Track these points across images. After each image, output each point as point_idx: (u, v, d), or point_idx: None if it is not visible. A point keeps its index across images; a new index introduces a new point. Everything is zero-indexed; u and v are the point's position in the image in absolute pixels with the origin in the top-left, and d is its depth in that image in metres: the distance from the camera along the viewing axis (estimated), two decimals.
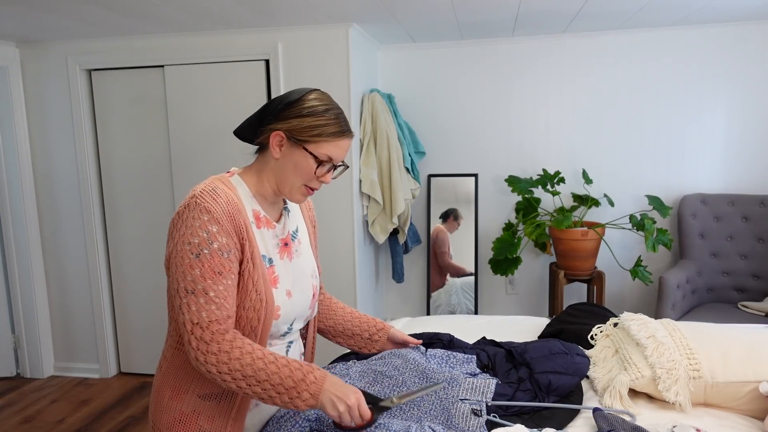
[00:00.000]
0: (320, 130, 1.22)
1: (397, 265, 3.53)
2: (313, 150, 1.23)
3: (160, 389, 1.27)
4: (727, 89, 3.23)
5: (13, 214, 3.34)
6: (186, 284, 1.14)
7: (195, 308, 1.13)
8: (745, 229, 3.13)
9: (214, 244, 1.15)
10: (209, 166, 3.17)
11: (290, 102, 1.24)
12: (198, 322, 1.13)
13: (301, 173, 1.25)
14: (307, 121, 1.22)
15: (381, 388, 1.41)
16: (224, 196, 1.21)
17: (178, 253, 1.16)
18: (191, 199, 1.19)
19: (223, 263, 1.16)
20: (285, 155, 1.24)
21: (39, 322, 3.43)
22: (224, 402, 1.26)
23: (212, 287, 1.14)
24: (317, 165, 1.24)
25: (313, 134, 1.22)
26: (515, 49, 3.44)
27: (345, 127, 1.27)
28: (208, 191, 1.20)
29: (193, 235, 1.15)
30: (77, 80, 3.22)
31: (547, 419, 1.42)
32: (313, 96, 1.25)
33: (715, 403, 1.54)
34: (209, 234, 1.15)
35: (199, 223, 1.16)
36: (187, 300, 1.14)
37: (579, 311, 2.15)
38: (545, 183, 3.19)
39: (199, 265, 1.14)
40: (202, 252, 1.14)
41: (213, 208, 1.17)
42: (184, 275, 1.15)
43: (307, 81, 2.99)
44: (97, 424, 2.90)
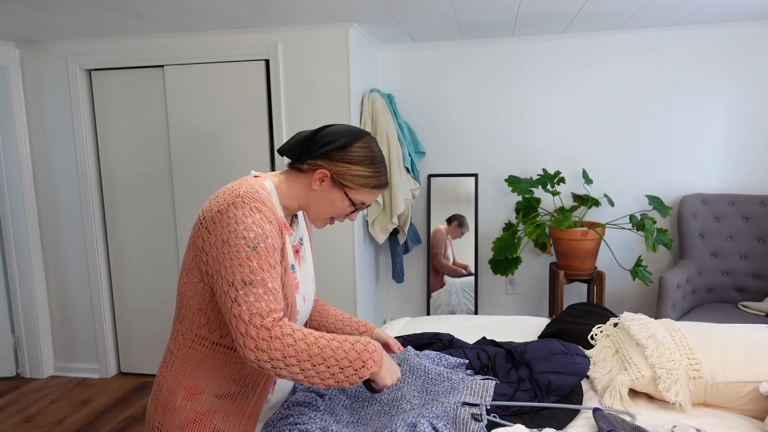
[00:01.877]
0: (365, 181, 1.27)
1: (397, 265, 3.53)
2: (352, 195, 1.28)
3: (172, 391, 1.25)
4: (727, 89, 3.24)
5: (13, 214, 3.34)
6: (243, 276, 1.13)
7: (254, 299, 1.13)
8: (745, 229, 3.13)
9: (268, 239, 1.17)
10: (209, 166, 3.17)
11: (342, 146, 1.26)
12: (258, 311, 1.12)
13: (333, 210, 1.30)
14: (355, 170, 1.26)
15: (380, 407, 1.41)
16: (267, 200, 1.23)
17: (231, 248, 1.15)
18: (236, 198, 1.18)
19: (276, 258, 1.19)
20: (323, 190, 1.28)
21: (39, 322, 3.43)
22: (240, 401, 1.27)
23: (270, 279, 1.15)
24: (352, 209, 1.31)
25: (357, 183, 1.27)
26: (515, 49, 3.44)
27: (385, 180, 1.32)
28: (252, 193, 1.20)
29: (247, 230, 1.15)
30: (77, 80, 3.22)
31: (547, 419, 1.42)
32: (364, 144, 1.28)
33: (715, 403, 1.54)
34: (263, 230, 1.17)
35: (252, 219, 1.16)
36: (245, 291, 1.13)
37: (579, 311, 2.15)
38: (545, 183, 3.19)
39: (257, 257, 1.15)
40: (259, 245, 1.15)
41: (262, 208, 1.19)
42: (241, 267, 1.14)
43: (307, 81, 2.99)
44: (97, 424, 2.90)
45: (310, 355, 1.13)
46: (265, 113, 3.07)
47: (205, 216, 1.20)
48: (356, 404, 1.43)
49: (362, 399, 1.44)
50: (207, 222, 1.19)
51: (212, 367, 1.25)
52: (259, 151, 3.10)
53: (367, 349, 1.17)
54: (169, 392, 1.26)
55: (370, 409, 1.41)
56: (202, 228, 1.20)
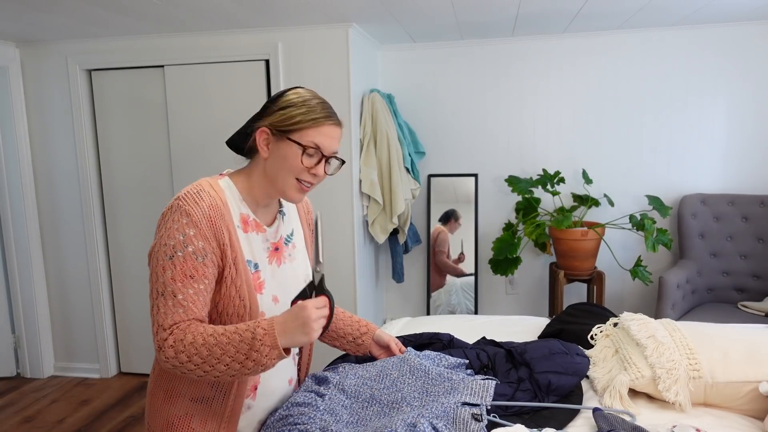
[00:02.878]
0: (301, 116, 1.21)
1: (397, 265, 3.53)
2: (298, 138, 1.21)
3: (154, 393, 1.28)
4: (727, 89, 3.23)
5: (13, 214, 3.34)
6: (158, 286, 1.14)
7: (163, 310, 1.13)
8: (745, 229, 3.13)
9: (189, 247, 1.15)
10: (209, 165, 3.17)
11: (273, 99, 1.26)
12: (162, 324, 1.13)
13: (290, 166, 1.22)
14: (290, 111, 1.22)
15: (380, 408, 1.41)
16: (208, 199, 1.20)
17: (155, 255, 1.16)
18: (174, 200, 1.19)
19: (197, 267, 1.15)
20: (273, 152, 1.24)
21: (39, 322, 3.43)
22: (216, 404, 1.27)
23: (181, 290, 1.14)
24: (302, 152, 1.22)
25: (294, 122, 1.21)
26: (515, 49, 3.44)
27: (328, 113, 1.25)
28: (192, 194, 1.19)
29: (169, 237, 1.15)
30: (77, 80, 3.22)
31: (547, 419, 1.42)
32: (297, 90, 1.28)
33: (715, 403, 1.54)
34: (185, 237, 1.15)
35: (177, 225, 1.16)
36: (157, 302, 1.14)
37: (579, 311, 2.15)
38: (545, 183, 3.19)
39: (171, 267, 1.14)
40: (176, 255, 1.14)
41: (193, 211, 1.17)
42: (157, 277, 1.15)
43: (307, 81, 2.99)
44: (97, 424, 2.90)
45: (202, 357, 1.10)
46: None
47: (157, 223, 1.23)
48: (356, 404, 1.43)
49: (362, 399, 1.44)
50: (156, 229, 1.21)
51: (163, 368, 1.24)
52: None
53: (255, 336, 1.09)
54: (152, 394, 1.29)
55: (370, 409, 1.41)
56: None
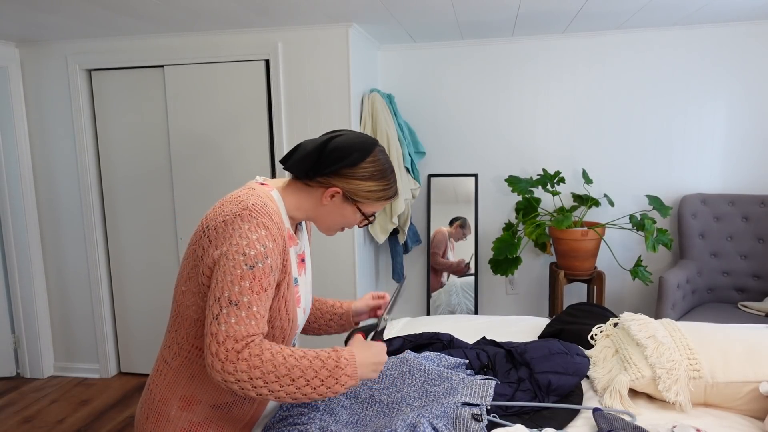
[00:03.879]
0: (378, 195, 1.26)
1: (397, 265, 3.53)
2: (364, 209, 1.28)
3: (166, 401, 1.23)
4: (727, 89, 3.23)
5: (13, 214, 3.34)
6: (231, 294, 1.10)
7: (234, 320, 1.09)
8: (745, 229, 3.13)
9: (268, 259, 1.13)
10: (209, 166, 3.17)
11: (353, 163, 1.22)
12: (234, 335, 1.09)
13: (345, 222, 1.30)
14: (368, 186, 1.24)
15: (379, 408, 1.41)
16: (275, 214, 1.19)
17: (228, 262, 1.11)
18: (244, 210, 1.14)
19: (270, 281, 1.14)
20: (334, 204, 1.26)
21: (39, 322, 3.43)
22: (237, 409, 1.26)
23: (257, 302, 1.11)
24: (364, 221, 1.31)
25: (370, 198, 1.26)
26: (515, 49, 3.44)
27: (396, 189, 1.31)
28: (261, 206, 1.16)
29: (249, 247, 1.12)
30: (77, 80, 3.22)
31: (547, 419, 1.42)
32: (375, 158, 1.24)
33: (715, 403, 1.54)
34: (266, 249, 1.13)
35: (256, 236, 1.12)
36: (228, 311, 1.09)
37: (579, 311, 2.15)
38: (545, 183, 3.19)
39: (251, 277, 1.11)
40: (257, 265, 1.11)
41: (269, 224, 1.15)
42: (231, 285, 1.10)
43: (307, 81, 2.99)
44: (97, 424, 2.90)
45: (278, 376, 1.09)
46: (265, 113, 3.07)
47: (208, 224, 1.16)
48: (356, 405, 1.43)
49: (362, 399, 1.44)
50: (210, 231, 1.15)
51: (209, 378, 1.22)
52: (259, 152, 3.11)
53: (338, 365, 1.12)
54: (163, 402, 1.23)
55: (369, 409, 1.41)
56: (203, 237, 1.16)
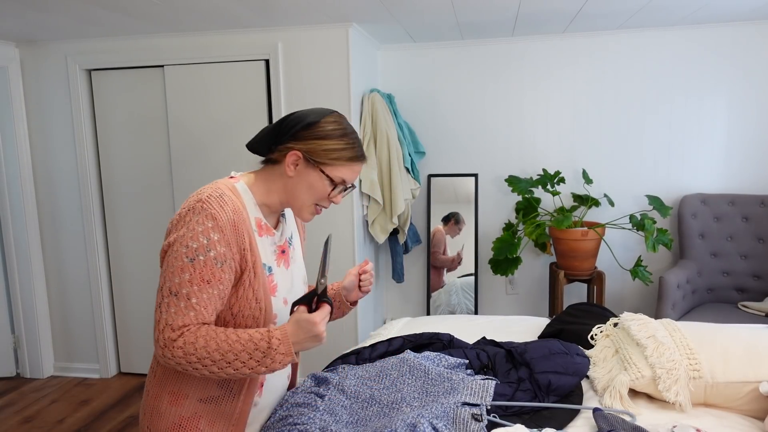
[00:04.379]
0: (338, 153, 1.23)
1: (397, 265, 3.53)
2: (329, 172, 1.24)
3: (157, 395, 1.26)
4: (727, 89, 3.23)
5: (13, 214, 3.34)
6: (172, 285, 1.14)
7: (174, 310, 1.14)
8: (745, 229, 3.13)
9: (211, 252, 1.15)
10: (209, 166, 3.17)
11: (310, 123, 1.23)
12: (171, 324, 1.13)
13: (314, 193, 1.26)
14: (326, 144, 1.23)
15: (379, 408, 1.41)
16: (231, 204, 1.20)
17: (173, 253, 1.16)
18: (197, 203, 1.18)
19: (214, 272, 1.16)
20: (299, 174, 1.25)
21: (39, 322, 3.43)
22: (225, 404, 1.26)
23: (196, 294, 1.14)
24: (332, 187, 1.26)
25: (331, 157, 1.23)
26: (515, 49, 3.44)
27: (361, 152, 1.28)
28: (216, 197, 1.19)
29: (192, 239, 1.15)
30: (77, 80, 3.22)
31: (547, 419, 1.42)
32: (332, 119, 1.25)
33: (715, 403, 1.54)
34: (209, 241, 1.15)
35: (201, 228, 1.15)
36: (168, 300, 1.14)
37: (579, 311, 2.15)
38: (545, 183, 3.19)
39: (191, 269, 1.14)
40: (197, 258, 1.14)
41: (219, 215, 1.16)
42: (172, 276, 1.15)
43: (307, 81, 2.99)
44: (97, 424, 2.90)
45: (213, 360, 1.13)
46: (265, 113, 3.07)
47: (171, 221, 1.21)
48: (356, 405, 1.43)
49: (362, 399, 1.44)
50: (170, 226, 1.20)
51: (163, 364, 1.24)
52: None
53: (271, 346, 1.14)
54: (155, 397, 1.26)
55: (369, 409, 1.41)
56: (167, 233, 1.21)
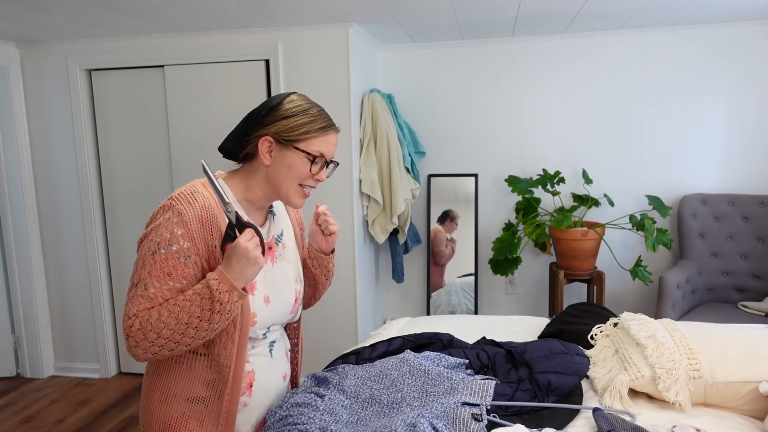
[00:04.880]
0: (307, 127, 1.24)
1: (397, 265, 3.53)
2: (304, 147, 1.24)
3: (149, 395, 1.28)
4: (727, 89, 3.23)
5: (13, 214, 3.34)
6: (134, 278, 1.19)
7: (134, 301, 1.17)
8: (745, 229, 3.13)
9: (173, 246, 1.17)
10: (209, 165, 3.16)
11: (272, 106, 1.25)
12: (127, 312, 1.17)
13: (296, 173, 1.25)
14: (293, 121, 1.24)
15: (379, 408, 1.41)
16: (201, 200, 1.22)
17: (141, 248, 1.21)
18: (167, 200, 1.21)
19: (176, 266, 1.17)
20: (276, 159, 1.25)
21: (39, 322, 3.43)
22: (212, 404, 1.27)
23: (154, 284, 1.17)
24: (311, 162, 1.25)
25: (301, 132, 1.23)
26: (515, 49, 3.44)
27: (330, 121, 1.28)
28: (186, 194, 1.22)
29: (156, 234, 1.18)
30: (77, 80, 3.22)
31: (547, 419, 1.42)
32: (293, 97, 1.28)
33: (715, 403, 1.54)
34: (172, 236, 1.17)
35: (166, 223, 1.18)
36: (132, 293, 1.18)
37: (579, 311, 2.15)
38: (545, 183, 3.19)
39: (152, 263, 1.17)
40: (158, 251, 1.17)
41: (185, 211, 1.19)
42: (136, 269, 1.20)
43: (307, 81, 2.99)
44: (97, 424, 2.90)
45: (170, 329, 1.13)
46: None
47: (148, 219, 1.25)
48: (356, 404, 1.43)
49: (362, 399, 1.44)
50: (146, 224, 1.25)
51: (182, 371, 1.26)
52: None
53: (211, 290, 1.13)
54: (147, 396, 1.29)
55: (369, 409, 1.41)
56: None
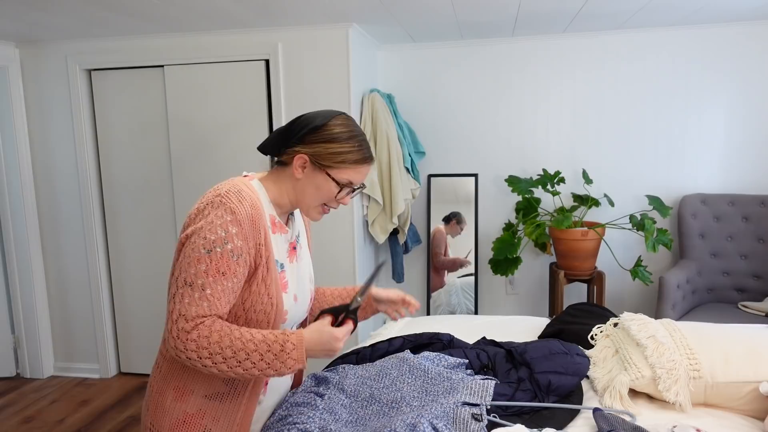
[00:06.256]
0: (344, 157, 1.24)
1: (397, 265, 3.53)
2: (335, 175, 1.25)
3: (162, 391, 1.27)
4: (727, 89, 3.23)
5: (13, 214, 3.34)
6: (187, 276, 1.15)
7: (188, 301, 1.15)
8: (745, 229, 3.13)
9: (228, 245, 1.16)
10: (209, 166, 3.17)
11: (316, 127, 1.24)
12: (185, 314, 1.14)
13: (322, 195, 1.27)
14: (332, 148, 1.23)
15: (379, 407, 1.41)
16: (249, 199, 1.21)
17: (190, 244, 1.17)
18: (216, 197, 1.19)
19: (230, 265, 1.17)
20: (307, 177, 1.26)
21: (39, 322, 3.43)
22: (229, 402, 1.27)
23: (211, 285, 1.15)
24: (338, 190, 1.27)
25: (336, 161, 1.24)
26: (515, 49, 3.44)
27: (367, 154, 1.29)
28: (234, 192, 1.20)
29: (211, 231, 1.16)
30: (77, 80, 3.22)
31: (547, 419, 1.42)
32: (338, 122, 1.26)
33: (715, 404, 1.54)
34: (227, 234, 1.16)
35: (220, 221, 1.16)
36: (183, 291, 1.15)
37: (579, 311, 2.15)
38: (545, 183, 3.19)
39: (207, 261, 1.15)
40: (215, 249, 1.15)
41: (238, 209, 1.18)
42: (188, 266, 1.16)
43: (307, 81, 2.99)
44: (97, 424, 2.90)
45: (225, 357, 1.14)
46: (265, 113, 3.07)
47: (188, 215, 1.22)
48: (356, 404, 1.43)
49: (362, 398, 1.44)
50: (188, 220, 1.22)
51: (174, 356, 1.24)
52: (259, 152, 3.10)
53: (284, 350, 1.15)
54: (159, 393, 1.27)
55: (369, 408, 1.41)
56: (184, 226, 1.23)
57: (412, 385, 1.47)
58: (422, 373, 1.51)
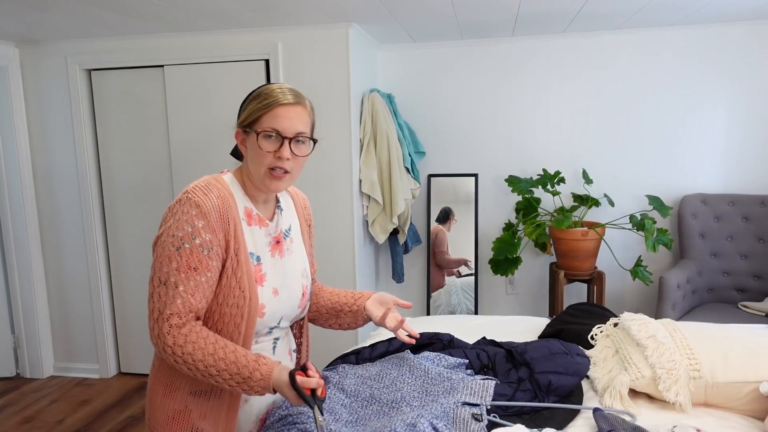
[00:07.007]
0: (256, 107, 1.26)
1: (397, 265, 3.53)
2: (258, 128, 1.24)
3: (154, 388, 1.29)
4: (727, 89, 3.23)
5: (13, 214, 3.34)
6: (161, 275, 1.18)
7: (163, 299, 1.17)
8: (745, 229, 3.13)
9: (196, 239, 1.18)
10: (209, 165, 3.17)
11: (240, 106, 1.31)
12: (161, 311, 1.16)
13: (261, 157, 1.24)
14: (248, 109, 1.27)
15: (379, 407, 1.40)
16: (216, 191, 1.23)
17: (161, 243, 1.19)
18: (183, 194, 1.22)
19: (201, 260, 1.18)
20: (247, 148, 1.29)
21: (39, 322, 3.43)
22: (214, 399, 1.28)
23: (184, 281, 1.17)
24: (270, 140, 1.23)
25: (255, 116, 1.25)
26: (515, 49, 3.44)
27: (279, 97, 1.25)
28: (201, 187, 1.23)
29: (178, 228, 1.18)
30: (77, 80, 3.22)
31: (547, 419, 1.42)
32: (259, 87, 1.31)
33: (715, 404, 1.54)
34: (194, 229, 1.18)
35: (186, 217, 1.18)
36: (159, 290, 1.18)
37: (579, 311, 2.15)
38: (545, 183, 3.19)
39: (177, 258, 1.17)
40: (183, 246, 1.17)
41: (203, 202, 1.20)
42: (161, 266, 1.18)
43: (307, 81, 2.99)
44: (97, 424, 2.90)
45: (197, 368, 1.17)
46: None
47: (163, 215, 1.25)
48: (356, 403, 1.42)
49: (362, 398, 1.44)
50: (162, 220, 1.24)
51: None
52: None
53: (252, 377, 1.16)
54: (152, 390, 1.30)
55: (369, 408, 1.41)
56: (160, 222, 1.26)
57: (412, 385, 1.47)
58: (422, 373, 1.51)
